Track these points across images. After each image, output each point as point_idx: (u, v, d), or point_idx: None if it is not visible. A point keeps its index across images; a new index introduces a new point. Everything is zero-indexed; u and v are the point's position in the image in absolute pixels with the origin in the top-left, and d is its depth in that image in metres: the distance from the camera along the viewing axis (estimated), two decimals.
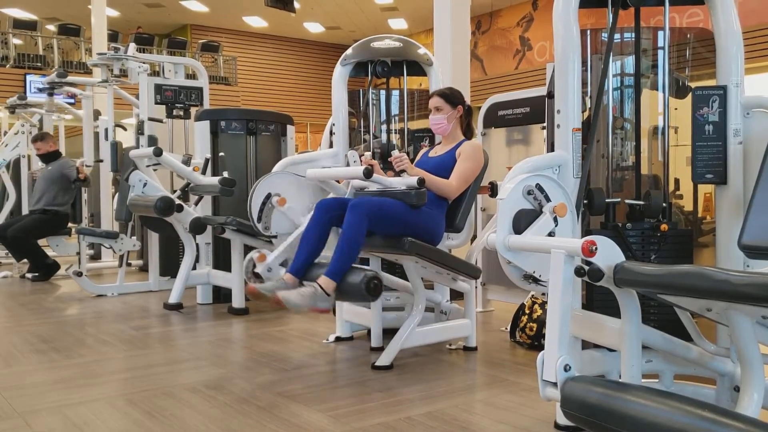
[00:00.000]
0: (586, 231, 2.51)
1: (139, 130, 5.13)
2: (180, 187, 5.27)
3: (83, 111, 7.44)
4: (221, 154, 5.14)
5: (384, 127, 4.42)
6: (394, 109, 4.41)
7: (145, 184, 5.01)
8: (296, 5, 13.19)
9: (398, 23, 18.08)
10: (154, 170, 5.16)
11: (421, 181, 3.13)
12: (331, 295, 2.98)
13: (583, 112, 2.40)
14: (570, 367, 1.93)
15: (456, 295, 3.71)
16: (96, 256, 8.03)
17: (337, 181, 3.65)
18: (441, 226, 3.31)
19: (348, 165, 3.57)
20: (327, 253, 3.16)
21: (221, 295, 5.11)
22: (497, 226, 2.20)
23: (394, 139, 4.32)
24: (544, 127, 4.12)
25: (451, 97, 3.44)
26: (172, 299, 4.89)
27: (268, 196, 3.52)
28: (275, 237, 3.58)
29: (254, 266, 3.36)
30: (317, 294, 2.93)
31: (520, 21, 16.61)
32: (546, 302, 2.68)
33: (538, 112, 4.28)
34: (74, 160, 7.06)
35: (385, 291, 3.74)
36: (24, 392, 2.91)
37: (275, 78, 19.40)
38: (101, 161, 7.17)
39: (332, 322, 4.01)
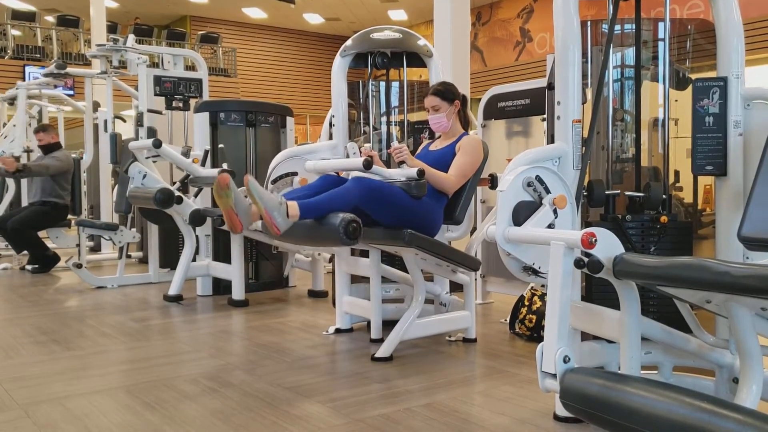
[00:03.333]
0: (586, 223, 2.52)
1: (139, 121, 5.12)
2: (179, 179, 5.27)
3: (84, 102, 7.42)
4: (221, 145, 5.13)
5: (384, 119, 4.42)
6: (394, 101, 4.40)
7: (144, 176, 5.01)
8: None
9: (398, 14, 18.03)
10: (154, 162, 5.15)
11: (421, 173, 3.13)
12: (290, 220, 2.81)
13: (583, 103, 2.40)
14: (569, 359, 1.93)
15: (455, 287, 3.71)
16: (96, 248, 8.04)
17: (337, 173, 3.65)
18: (439, 218, 3.31)
19: (347, 157, 3.57)
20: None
21: (221, 287, 5.12)
22: (497, 218, 2.20)
23: (394, 131, 4.32)
24: (544, 119, 4.12)
25: (447, 93, 3.42)
26: (172, 291, 4.90)
27: (293, 174, 3.55)
28: None
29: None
30: (281, 205, 2.79)
31: (520, 12, 16.56)
32: (545, 294, 2.68)
33: (538, 103, 4.27)
34: (72, 153, 7.06)
35: (385, 283, 3.75)
36: (24, 384, 2.91)
37: (275, 69, 19.36)
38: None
39: (332, 314, 4.01)
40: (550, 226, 2.21)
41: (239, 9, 17.89)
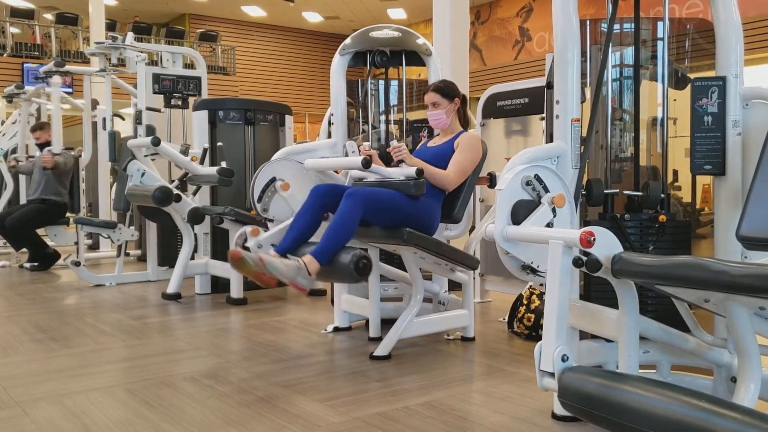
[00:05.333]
0: (585, 222, 2.52)
1: (137, 119, 5.12)
2: (178, 177, 5.26)
3: (83, 100, 7.42)
4: (219, 144, 5.14)
5: (383, 117, 4.42)
6: (393, 100, 4.40)
7: (143, 174, 5.01)
8: None
9: (397, 13, 18.01)
10: (152, 160, 5.15)
11: (420, 172, 3.13)
12: (313, 276, 2.88)
13: (582, 102, 2.40)
14: (567, 358, 1.94)
15: (454, 286, 3.72)
16: (94, 246, 8.03)
17: (336, 172, 3.65)
18: (437, 216, 3.31)
19: (346, 155, 3.57)
20: (316, 239, 3.15)
21: (219, 285, 5.11)
22: (496, 216, 2.20)
23: (393, 129, 4.31)
24: (542, 118, 4.12)
25: (447, 90, 3.42)
26: (171, 289, 4.90)
27: (273, 180, 3.53)
28: (272, 221, 3.58)
29: (245, 240, 3.33)
30: (300, 269, 2.84)
31: (519, 11, 16.55)
32: (544, 293, 2.68)
33: (537, 102, 4.27)
34: (71, 150, 7.05)
35: (384, 281, 3.75)
36: (22, 381, 2.91)
37: (273, 68, 19.35)
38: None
39: (330, 313, 4.01)
40: (549, 225, 2.21)
41: (238, 7, 17.88)
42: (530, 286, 3.73)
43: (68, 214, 6.84)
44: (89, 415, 2.49)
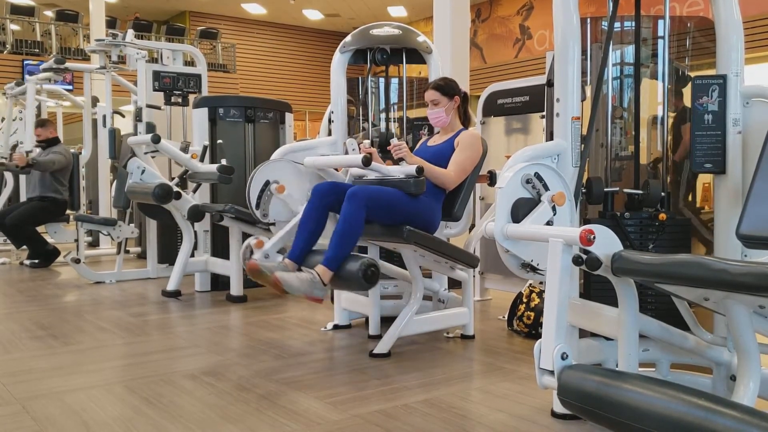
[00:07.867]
0: (585, 220, 2.52)
1: (137, 117, 5.11)
2: (178, 175, 5.26)
3: (83, 97, 7.42)
4: (219, 141, 5.13)
5: (383, 115, 4.41)
6: (393, 97, 4.40)
7: (143, 172, 5.00)
8: None
9: (398, 11, 17.99)
10: (153, 157, 5.15)
11: (420, 170, 3.13)
12: (328, 285, 2.98)
13: (582, 101, 2.40)
14: (567, 356, 1.94)
15: (454, 284, 3.72)
16: (94, 243, 8.03)
17: (336, 170, 3.65)
18: (438, 215, 3.31)
19: (346, 153, 3.57)
20: (324, 241, 3.16)
21: (219, 282, 5.11)
22: (495, 214, 2.20)
23: (393, 127, 4.31)
24: (543, 116, 4.11)
25: (447, 88, 3.42)
26: (171, 286, 4.90)
27: (267, 183, 3.51)
28: (273, 224, 3.57)
29: (251, 252, 3.35)
30: (314, 282, 2.93)
31: (520, 9, 16.53)
32: (544, 291, 2.68)
33: (537, 100, 4.27)
34: (71, 148, 7.05)
35: (384, 279, 3.75)
36: (22, 379, 2.91)
37: (274, 65, 19.34)
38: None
39: (330, 311, 4.01)
40: (549, 223, 2.21)
41: (238, 4, 17.86)
42: (530, 284, 3.73)
43: (68, 212, 6.84)
44: (89, 411, 2.50)
